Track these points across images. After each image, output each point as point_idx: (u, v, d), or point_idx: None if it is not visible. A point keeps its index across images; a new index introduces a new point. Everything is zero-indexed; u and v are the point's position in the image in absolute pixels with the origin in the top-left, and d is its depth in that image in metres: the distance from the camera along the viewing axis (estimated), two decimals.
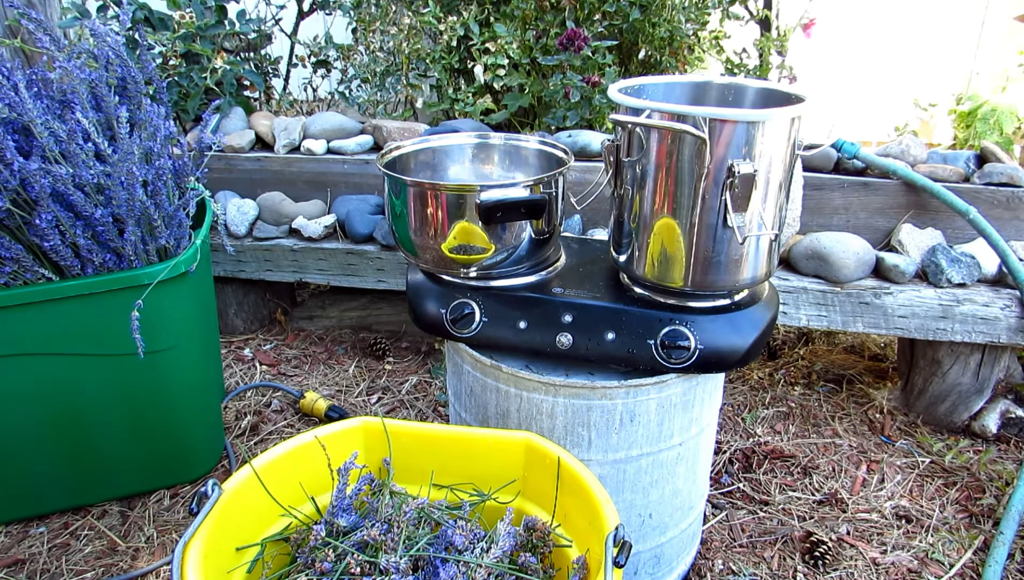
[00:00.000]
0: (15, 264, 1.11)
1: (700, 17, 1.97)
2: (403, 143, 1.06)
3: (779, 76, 2.02)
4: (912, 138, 1.56)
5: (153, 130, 1.19)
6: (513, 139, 1.12)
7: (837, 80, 2.86)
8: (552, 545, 0.78)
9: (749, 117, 0.80)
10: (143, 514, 1.31)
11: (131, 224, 1.15)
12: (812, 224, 1.51)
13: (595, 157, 1.58)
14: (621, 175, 0.92)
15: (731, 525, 1.28)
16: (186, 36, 1.79)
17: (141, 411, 1.26)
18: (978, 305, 1.37)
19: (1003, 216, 1.44)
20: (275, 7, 2.15)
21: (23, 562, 1.20)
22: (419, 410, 1.60)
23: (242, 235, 1.72)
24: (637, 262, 0.93)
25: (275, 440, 1.51)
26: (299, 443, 0.83)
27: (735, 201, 0.82)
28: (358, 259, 1.68)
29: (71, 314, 1.14)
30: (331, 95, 2.30)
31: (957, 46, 2.89)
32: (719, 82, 0.99)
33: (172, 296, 1.20)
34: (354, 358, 1.81)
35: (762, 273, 0.91)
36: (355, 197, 1.73)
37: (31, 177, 1.06)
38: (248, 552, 0.76)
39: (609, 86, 0.89)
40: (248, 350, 1.82)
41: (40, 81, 1.19)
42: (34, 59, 1.63)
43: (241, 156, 1.77)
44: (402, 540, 0.73)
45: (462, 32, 1.88)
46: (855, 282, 1.42)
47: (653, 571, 1.07)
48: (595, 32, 1.84)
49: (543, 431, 0.94)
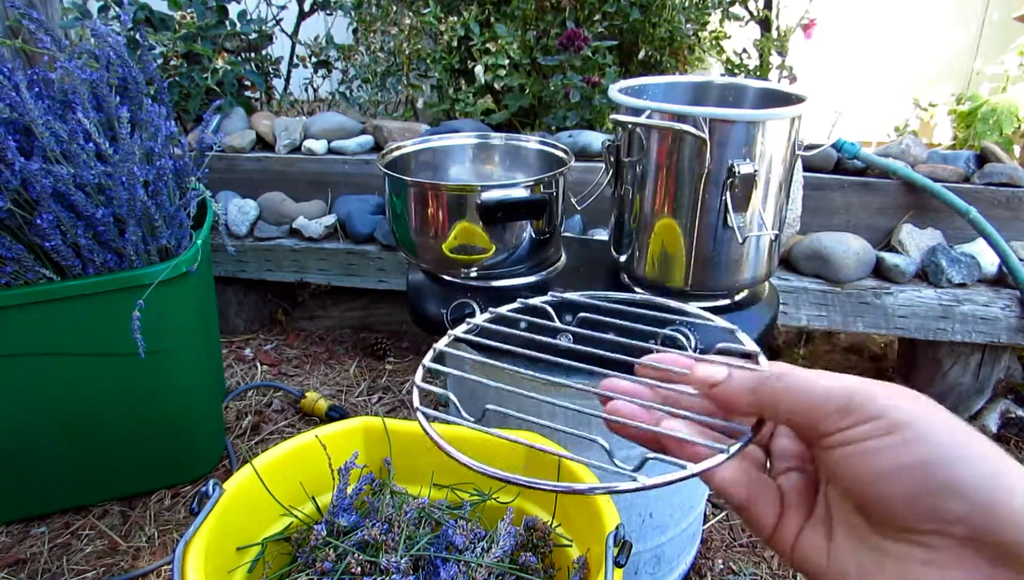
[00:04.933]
0: (16, 264, 1.12)
1: (700, 17, 1.97)
2: (404, 143, 1.06)
3: (779, 76, 2.02)
4: (912, 138, 1.56)
5: (154, 130, 1.19)
6: (514, 139, 1.12)
7: (837, 80, 2.86)
8: (552, 545, 0.78)
9: (749, 117, 0.80)
10: (144, 514, 1.31)
11: (132, 224, 1.15)
12: (812, 224, 1.51)
13: (595, 157, 1.58)
14: (621, 175, 0.92)
15: (731, 524, 1.28)
16: (187, 36, 1.80)
17: (142, 411, 1.26)
18: (978, 305, 1.37)
19: (1003, 216, 1.44)
20: (276, 7, 2.15)
21: (24, 562, 1.20)
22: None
23: (243, 235, 1.73)
24: (637, 262, 0.93)
25: (276, 440, 1.51)
26: (300, 443, 0.83)
27: (735, 201, 0.82)
28: (359, 259, 1.68)
29: (72, 314, 1.14)
30: (332, 95, 2.30)
31: (957, 46, 2.89)
32: (719, 82, 0.99)
33: (173, 296, 1.20)
34: (355, 358, 1.81)
35: (762, 273, 0.91)
36: (356, 197, 1.73)
37: (32, 177, 1.06)
38: (249, 552, 0.76)
39: (609, 86, 0.89)
40: (249, 350, 1.83)
41: (41, 81, 1.19)
42: (35, 59, 1.63)
43: (242, 156, 1.77)
44: (403, 540, 0.73)
45: (463, 32, 1.88)
46: (855, 282, 1.42)
47: (653, 571, 1.08)
48: (595, 32, 1.84)
49: (543, 431, 0.94)
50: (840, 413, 0.30)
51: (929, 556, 0.28)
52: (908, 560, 0.28)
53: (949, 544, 0.27)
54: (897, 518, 0.29)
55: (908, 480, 0.28)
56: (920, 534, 0.28)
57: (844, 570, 0.31)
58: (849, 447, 0.29)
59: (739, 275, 0.89)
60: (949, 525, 0.27)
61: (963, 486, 0.27)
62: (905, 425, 0.28)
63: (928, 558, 0.28)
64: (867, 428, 0.29)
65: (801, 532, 0.33)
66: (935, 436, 0.28)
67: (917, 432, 0.28)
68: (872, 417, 0.29)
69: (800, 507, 0.34)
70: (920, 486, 0.28)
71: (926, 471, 0.27)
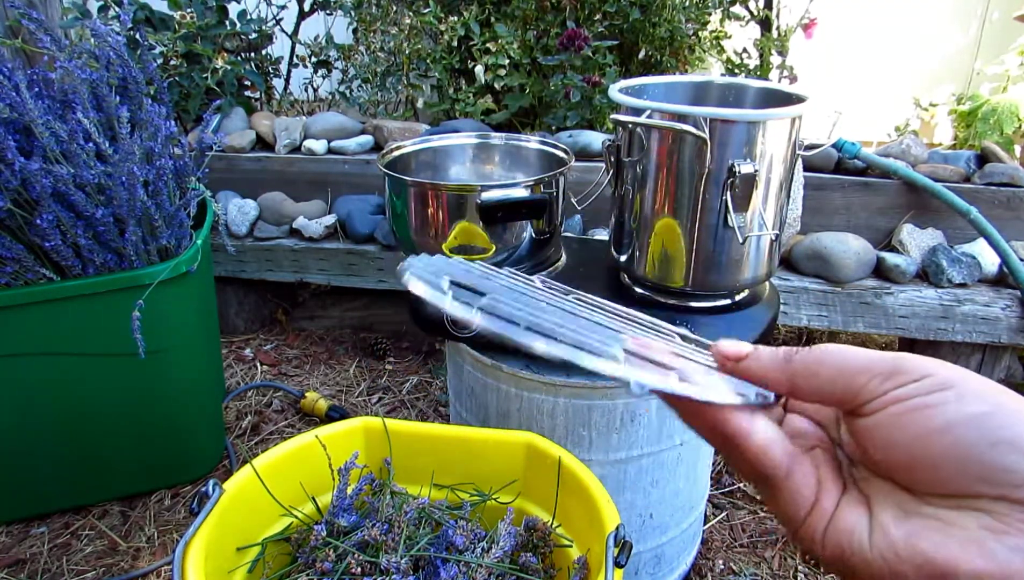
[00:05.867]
0: (16, 264, 1.12)
1: (700, 17, 1.97)
2: (404, 143, 1.06)
3: (780, 76, 2.01)
4: (913, 138, 1.56)
5: (154, 130, 1.19)
6: (514, 139, 1.12)
7: (837, 80, 2.86)
8: (553, 545, 0.78)
9: (750, 117, 0.80)
10: (144, 514, 1.31)
11: (132, 224, 1.15)
12: (813, 224, 1.51)
13: (596, 157, 1.58)
14: (622, 175, 0.92)
15: (732, 525, 1.28)
16: (187, 36, 1.80)
17: (142, 411, 1.26)
18: (979, 305, 1.37)
19: (1004, 216, 1.44)
20: (276, 7, 2.15)
21: (24, 562, 1.20)
22: (420, 410, 1.60)
23: (243, 235, 1.72)
24: (638, 262, 0.93)
25: (276, 440, 1.51)
26: (300, 443, 0.83)
27: (736, 201, 0.82)
28: (359, 259, 1.68)
29: (72, 314, 1.14)
30: (332, 95, 2.30)
31: (957, 46, 2.89)
32: (720, 82, 0.99)
33: (173, 296, 1.20)
34: (355, 358, 1.81)
35: (763, 273, 0.91)
36: (356, 197, 1.73)
37: (32, 177, 1.06)
38: (249, 552, 0.76)
39: (610, 86, 0.89)
40: (249, 350, 1.82)
41: (41, 81, 1.19)
42: (35, 59, 1.63)
43: (242, 156, 1.77)
44: (403, 540, 0.73)
45: (463, 32, 1.88)
46: (856, 282, 1.42)
47: (654, 571, 1.07)
48: (595, 32, 1.84)
49: (544, 431, 0.94)
50: (886, 376, 0.28)
51: (989, 522, 0.26)
52: (966, 527, 0.26)
53: (1010, 510, 0.25)
54: (951, 481, 0.26)
55: (964, 436, 0.26)
56: (976, 499, 0.26)
57: (891, 542, 0.28)
58: (897, 406, 0.27)
59: (739, 275, 0.89)
60: (1013, 489, 0.25)
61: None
62: (959, 382, 0.27)
63: (988, 524, 0.26)
64: (917, 386, 0.27)
65: (837, 510, 0.30)
66: (990, 395, 0.26)
67: (970, 389, 0.26)
68: (923, 376, 0.27)
69: (834, 481, 0.31)
70: (978, 443, 0.25)
71: (983, 424, 0.25)
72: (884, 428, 0.28)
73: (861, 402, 0.29)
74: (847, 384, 0.29)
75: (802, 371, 0.30)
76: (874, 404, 0.28)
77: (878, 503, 0.29)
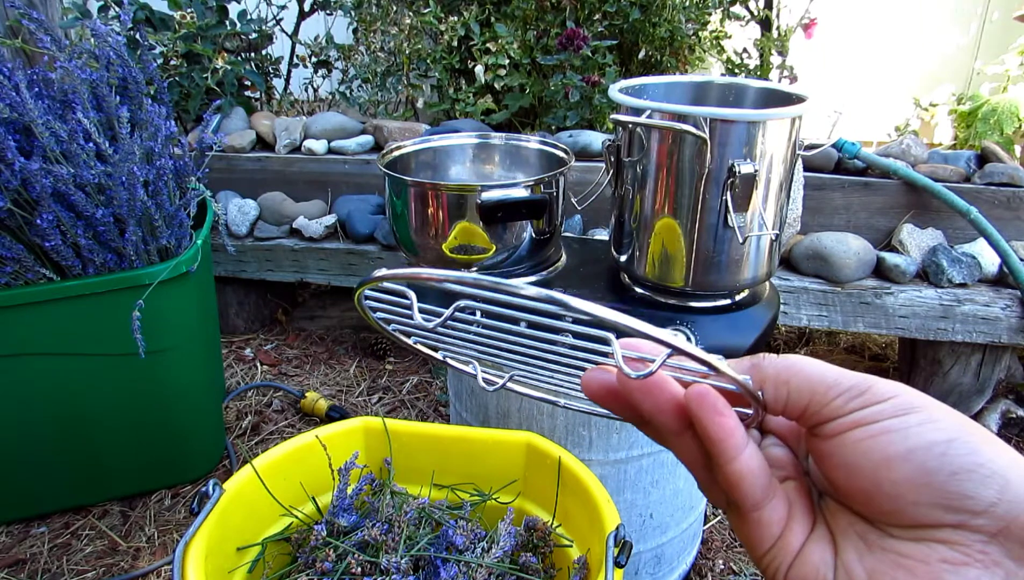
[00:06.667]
0: (16, 264, 1.12)
1: (701, 17, 1.97)
2: (404, 143, 1.06)
3: (780, 76, 2.02)
4: (913, 138, 1.56)
5: (154, 130, 1.19)
6: (514, 139, 1.12)
7: (837, 80, 2.86)
8: (553, 545, 0.78)
9: (750, 117, 0.80)
10: (144, 514, 1.31)
11: (132, 224, 1.15)
12: (813, 224, 1.51)
13: (596, 157, 1.58)
14: (622, 175, 0.92)
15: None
16: (187, 36, 1.80)
17: (142, 411, 1.26)
18: (979, 305, 1.37)
19: (1004, 216, 1.44)
20: (276, 7, 2.15)
21: (24, 562, 1.20)
22: (420, 410, 1.60)
23: (243, 235, 1.72)
24: (638, 262, 0.93)
25: (276, 440, 1.51)
26: (300, 443, 0.83)
27: (736, 201, 0.82)
28: (359, 259, 1.68)
29: (72, 314, 1.14)
30: (332, 95, 2.30)
31: (957, 46, 2.89)
32: (720, 82, 0.99)
33: (173, 296, 1.20)
34: (355, 358, 1.81)
35: (763, 273, 0.91)
36: (356, 197, 1.73)
37: (32, 177, 1.06)
38: (249, 552, 0.76)
39: (610, 86, 0.89)
40: (249, 350, 1.83)
41: (41, 81, 1.19)
42: (35, 59, 1.63)
43: (242, 156, 1.77)
44: (403, 540, 0.73)
45: (463, 32, 1.88)
46: (856, 282, 1.42)
47: (654, 571, 1.07)
48: (595, 32, 1.84)
49: (544, 431, 0.94)
50: (853, 393, 0.28)
51: (948, 554, 0.26)
52: (926, 560, 0.26)
53: (970, 540, 0.25)
54: (911, 509, 0.26)
55: (925, 463, 0.25)
56: (936, 528, 0.26)
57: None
58: (860, 430, 0.27)
59: (739, 275, 0.89)
60: (972, 517, 0.25)
61: (992, 465, 0.25)
62: (922, 407, 0.27)
63: (947, 556, 0.26)
64: (882, 408, 0.27)
65: (803, 548, 0.30)
66: (953, 423, 0.26)
67: (933, 415, 0.26)
68: (888, 397, 0.27)
69: (804, 517, 0.31)
70: (939, 470, 0.25)
71: (945, 451, 0.25)
72: (847, 453, 0.28)
73: (825, 419, 0.29)
74: (815, 398, 0.29)
75: (773, 377, 0.30)
76: (837, 424, 0.28)
77: (842, 539, 0.29)
